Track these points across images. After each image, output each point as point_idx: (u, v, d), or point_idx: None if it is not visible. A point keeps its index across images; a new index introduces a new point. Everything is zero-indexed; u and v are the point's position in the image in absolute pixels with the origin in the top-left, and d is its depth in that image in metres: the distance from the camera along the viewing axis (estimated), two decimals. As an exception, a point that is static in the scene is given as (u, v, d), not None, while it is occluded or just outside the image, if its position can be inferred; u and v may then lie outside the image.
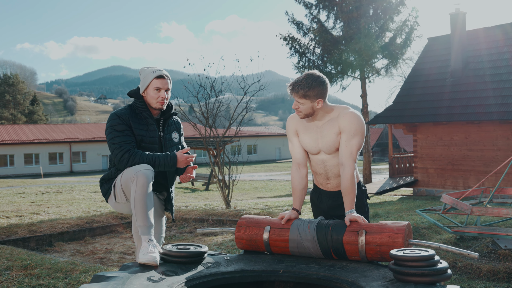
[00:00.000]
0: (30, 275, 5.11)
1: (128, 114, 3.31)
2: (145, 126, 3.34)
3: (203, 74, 11.97)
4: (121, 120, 3.27)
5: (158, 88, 3.32)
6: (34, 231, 8.17)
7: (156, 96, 3.32)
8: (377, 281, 2.43)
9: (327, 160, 3.14)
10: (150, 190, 3.06)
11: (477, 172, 15.29)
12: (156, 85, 3.32)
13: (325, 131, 3.08)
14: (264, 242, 2.99)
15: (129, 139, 3.24)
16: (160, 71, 3.35)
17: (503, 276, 5.08)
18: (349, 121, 3.01)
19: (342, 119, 3.03)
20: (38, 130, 47.38)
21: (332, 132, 3.06)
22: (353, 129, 3.00)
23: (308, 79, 2.96)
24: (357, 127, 3.00)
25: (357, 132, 3.00)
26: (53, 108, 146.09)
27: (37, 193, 17.62)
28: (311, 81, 2.96)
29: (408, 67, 35.19)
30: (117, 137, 3.22)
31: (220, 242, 7.45)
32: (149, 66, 3.45)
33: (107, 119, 3.34)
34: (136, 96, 3.39)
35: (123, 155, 3.18)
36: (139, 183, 3.01)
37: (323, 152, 3.13)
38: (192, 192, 20.15)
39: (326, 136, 3.08)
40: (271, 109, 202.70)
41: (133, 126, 3.28)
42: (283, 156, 59.38)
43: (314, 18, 20.05)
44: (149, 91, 3.33)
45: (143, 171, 3.04)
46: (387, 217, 9.14)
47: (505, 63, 15.57)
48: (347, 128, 3.00)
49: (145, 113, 3.36)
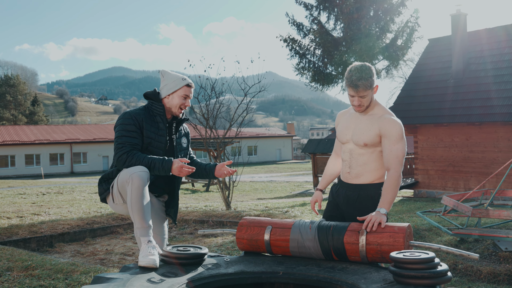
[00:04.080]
0: (31, 276, 5.11)
1: (143, 115, 3.31)
2: (156, 130, 3.34)
3: (203, 75, 11.99)
4: (133, 121, 3.26)
5: (186, 96, 3.36)
6: (35, 232, 8.18)
7: (180, 103, 3.35)
8: (377, 283, 2.43)
9: (354, 150, 3.20)
10: (146, 192, 3.05)
11: (478, 174, 15.28)
12: (185, 92, 3.36)
13: (362, 123, 3.16)
14: (265, 241, 2.99)
15: (134, 141, 3.23)
16: (189, 79, 3.40)
17: (504, 278, 5.08)
18: (392, 126, 3.08)
19: (384, 122, 3.09)
20: (39, 131, 47.41)
21: (369, 128, 3.12)
22: (397, 135, 3.06)
23: (363, 70, 3.02)
24: (400, 133, 3.07)
25: (400, 138, 3.06)
26: (54, 109, 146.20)
27: (38, 194, 17.62)
28: (367, 70, 3.04)
29: (409, 69, 35.22)
30: (123, 137, 3.23)
31: (221, 243, 7.45)
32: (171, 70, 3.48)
33: (119, 117, 3.32)
34: (155, 97, 3.38)
35: (121, 155, 3.18)
36: (134, 185, 3.01)
37: (352, 142, 3.20)
38: (193, 193, 20.16)
39: (361, 128, 3.15)
40: (272, 110, 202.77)
41: (145, 128, 3.28)
42: (283, 157, 59.38)
43: (315, 20, 20.04)
44: (175, 97, 3.35)
45: (137, 173, 3.03)
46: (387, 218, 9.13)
47: (506, 64, 15.56)
48: (391, 133, 3.06)
49: (159, 117, 3.35)
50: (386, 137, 3.06)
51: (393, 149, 3.04)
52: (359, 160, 3.17)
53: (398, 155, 3.03)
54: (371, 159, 3.14)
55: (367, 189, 3.12)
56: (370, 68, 3.06)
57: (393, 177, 2.99)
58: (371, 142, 3.10)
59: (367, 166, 3.15)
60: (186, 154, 3.60)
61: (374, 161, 3.14)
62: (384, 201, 2.95)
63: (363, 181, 3.16)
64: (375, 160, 3.14)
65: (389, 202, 2.96)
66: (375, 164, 3.14)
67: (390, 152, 3.04)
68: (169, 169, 3.20)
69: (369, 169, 3.15)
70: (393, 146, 3.04)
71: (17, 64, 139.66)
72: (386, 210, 2.91)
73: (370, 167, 3.15)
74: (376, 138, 3.09)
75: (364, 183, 3.15)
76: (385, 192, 2.98)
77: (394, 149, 3.03)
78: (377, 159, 3.14)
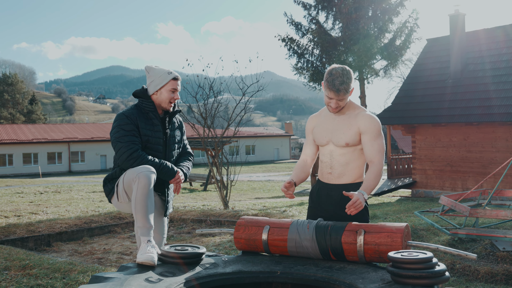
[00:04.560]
0: (29, 275, 5.10)
1: (136, 114, 3.33)
2: (151, 126, 3.35)
3: (202, 75, 11.98)
4: (129, 120, 3.28)
5: (174, 90, 3.35)
6: (33, 231, 8.16)
7: (170, 97, 3.35)
8: (375, 283, 2.43)
9: (334, 151, 3.23)
10: (151, 192, 3.07)
11: (476, 174, 15.30)
12: (172, 86, 3.35)
13: (340, 124, 3.20)
14: (262, 241, 2.99)
15: (137, 139, 3.27)
16: (175, 72, 3.39)
17: (501, 278, 5.09)
18: (371, 122, 3.14)
19: (362, 119, 3.15)
20: (36, 130, 47.33)
21: (348, 127, 3.16)
22: (376, 131, 3.13)
23: (343, 76, 3.06)
24: (379, 128, 3.15)
25: (379, 133, 3.14)
26: (52, 107, 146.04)
27: (36, 193, 17.60)
28: (346, 74, 3.07)
29: (407, 68, 35.20)
30: (125, 136, 3.23)
31: (218, 243, 7.45)
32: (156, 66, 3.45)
33: (114, 119, 3.34)
34: (144, 95, 3.39)
35: (131, 154, 3.18)
36: (140, 184, 3.02)
37: (332, 143, 3.22)
38: (190, 192, 20.15)
39: (341, 128, 3.18)
40: (270, 110, 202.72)
41: (140, 126, 3.30)
42: (281, 156, 59.39)
43: (313, 19, 20.05)
44: (163, 92, 3.34)
45: (145, 173, 3.05)
46: (385, 218, 9.14)
47: (504, 64, 15.59)
48: (370, 129, 3.12)
49: (152, 113, 3.37)
50: (367, 133, 3.12)
51: (374, 144, 3.11)
52: (341, 160, 3.20)
53: (381, 149, 3.11)
54: (352, 158, 3.19)
55: (350, 189, 3.14)
56: (350, 72, 3.10)
57: (377, 169, 3.07)
58: (352, 141, 3.15)
59: (349, 165, 3.19)
60: (180, 146, 3.58)
61: (356, 159, 3.19)
62: (367, 187, 3.01)
63: (346, 181, 3.20)
64: (356, 159, 3.19)
65: (370, 189, 3.03)
66: (357, 162, 3.20)
67: (372, 146, 3.11)
68: (173, 176, 3.33)
69: (351, 168, 3.19)
70: (374, 141, 3.11)
71: (15, 63, 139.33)
72: (367, 194, 2.99)
73: (351, 166, 3.19)
74: (356, 137, 3.14)
75: (347, 183, 3.19)
76: (368, 179, 3.04)
77: (376, 144, 3.11)
78: (358, 157, 3.20)
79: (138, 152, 3.21)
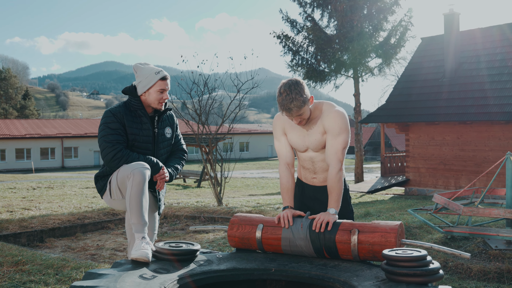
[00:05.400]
0: (21, 271, 5.08)
1: (123, 112, 3.28)
2: (139, 124, 3.32)
3: (196, 71, 11.95)
4: (115, 118, 3.24)
5: (162, 90, 3.28)
6: (25, 226, 8.12)
7: (159, 98, 3.28)
8: (369, 280, 2.43)
9: (315, 157, 3.16)
10: (146, 189, 3.06)
11: (469, 172, 15.37)
12: (160, 87, 3.27)
13: (310, 130, 3.09)
14: (256, 240, 2.99)
15: (122, 138, 3.23)
16: (162, 71, 3.30)
17: (494, 276, 5.12)
18: (333, 120, 3.01)
19: (326, 119, 3.03)
20: (30, 125, 47.09)
21: (317, 132, 3.07)
22: (337, 129, 3.00)
23: (291, 92, 2.86)
24: (341, 126, 3.00)
25: (341, 131, 3.00)
26: (45, 103, 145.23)
27: (29, 188, 17.52)
28: (294, 90, 2.87)
29: (401, 67, 35.32)
30: (110, 135, 3.20)
31: (212, 239, 7.44)
32: (143, 63, 3.39)
33: (102, 116, 3.31)
34: (132, 93, 3.34)
35: (115, 155, 3.16)
36: (135, 181, 3.01)
37: (311, 150, 3.15)
38: (184, 189, 20.12)
39: (312, 135, 3.09)
40: (264, 107, 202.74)
41: (126, 125, 3.26)
42: (275, 153, 59.20)
43: (308, 17, 20.05)
44: (151, 93, 3.27)
45: (139, 169, 3.04)
46: (378, 216, 9.17)
47: (498, 64, 15.65)
48: (331, 128, 3.00)
49: (140, 111, 3.32)
50: (329, 132, 3.01)
51: (333, 144, 2.99)
52: (324, 166, 3.15)
53: (338, 150, 2.98)
54: None
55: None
56: (299, 84, 2.88)
57: (332, 174, 2.96)
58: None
59: None
60: (170, 144, 3.52)
61: None
62: (331, 201, 2.94)
63: None
64: None
65: (336, 201, 2.94)
66: None
67: (330, 147, 3.00)
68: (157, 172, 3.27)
69: None
70: (333, 140, 2.99)
71: (8, 57, 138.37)
72: (335, 209, 2.91)
73: None
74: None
75: None
76: (330, 192, 2.96)
77: (334, 143, 2.98)
78: None
79: (122, 151, 3.17)
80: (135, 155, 3.21)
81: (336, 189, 2.95)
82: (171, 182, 3.41)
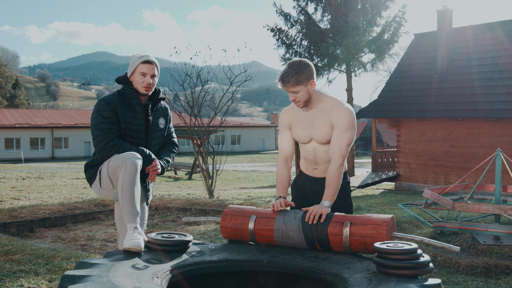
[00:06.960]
0: (11, 261, 5.07)
1: (117, 100, 3.30)
2: (132, 113, 3.33)
3: (189, 63, 11.91)
4: (109, 107, 3.25)
5: (143, 73, 3.32)
6: (15, 216, 8.09)
7: (141, 81, 3.32)
8: (360, 273, 2.46)
9: (318, 148, 3.19)
10: (138, 179, 3.05)
11: (459, 169, 15.49)
12: (141, 70, 3.32)
13: (317, 122, 3.13)
14: (249, 231, 3.00)
15: (114, 127, 3.24)
16: (148, 56, 3.36)
17: (481, 270, 5.18)
18: (342, 116, 3.05)
19: (334, 113, 3.07)
20: (19, 115, 46.70)
21: (324, 125, 3.10)
22: (345, 125, 3.04)
23: (293, 66, 3.00)
24: (349, 122, 3.04)
25: (349, 127, 3.04)
26: (35, 92, 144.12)
27: (18, 178, 17.41)
28: (296, 66, 3.00)
29: (394, 63, 35.43)
30: (102, 123, 3.21)
31: (203, 231, 7.46)
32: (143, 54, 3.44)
33: (95, 104, 3.32)
34: (125, 82, 3.37)
35: (107, 143, 3.17)
36: (127, 170, 3.00)
37: (314, 141, 3.18)
38: (175, 181, 20.10)
39: (318, 127, 3.12)
40: (256, 100, 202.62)
41: (120, 113, 3.27)
42: (266, 147, 59.47)
43: (302, 10, 20.02)
44: (135, 76, 3.34)
45: (131, 159, 3.04)
46: (369, 210, 9.23)
47: (490, 61, 15.74)
48: (340, 123, 3.04)
49: (134, 100, 3.35)
50: (336, 127, 3.05)
51: (339, 139, 3.03)
52: (326, 157, 3.18)
53: (342, 146, 3.02)
54: None
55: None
56: (306, 64, 3.00)
57: (333, 168, 3.00)
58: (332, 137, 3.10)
59: None
60: (163, 135, 3.55)
61: None
62: (327, 194, 2.98)
63: None
64: None
65: (332, 194, 2.98)
66: None
67: (335, 141, 3.04)
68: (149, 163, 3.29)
69: None
70: (340, 135, 3.03)
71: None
72: (329, 202, 2.94)
73: None
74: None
75: None
76: (327, 185, 3.00)
77: (340, 139, 3.03)
78: None
79: (115, 140, 3.19)
80: (127, 145, 3.22)
81: (334, 183, 2.99)
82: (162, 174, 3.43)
